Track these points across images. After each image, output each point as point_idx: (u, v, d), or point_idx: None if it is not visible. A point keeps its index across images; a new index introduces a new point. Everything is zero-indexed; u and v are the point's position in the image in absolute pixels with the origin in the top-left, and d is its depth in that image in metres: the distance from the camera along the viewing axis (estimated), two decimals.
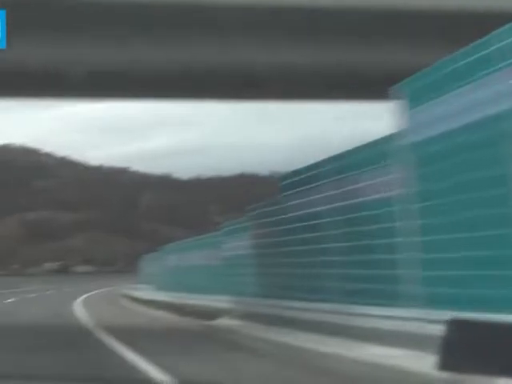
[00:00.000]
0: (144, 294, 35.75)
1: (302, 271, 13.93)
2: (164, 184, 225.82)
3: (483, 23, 8.51)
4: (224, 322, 17.76)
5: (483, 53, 8.16)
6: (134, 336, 16.14)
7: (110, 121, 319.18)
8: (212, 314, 19.34)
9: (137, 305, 31.96)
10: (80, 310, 29.04)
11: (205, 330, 17.42)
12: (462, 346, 3.10)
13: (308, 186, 13.52)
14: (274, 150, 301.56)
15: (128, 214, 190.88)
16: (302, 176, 13.94)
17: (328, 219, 12.69)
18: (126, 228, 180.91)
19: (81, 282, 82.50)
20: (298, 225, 14.10)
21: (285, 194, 14.88)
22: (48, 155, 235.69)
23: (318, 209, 13.09)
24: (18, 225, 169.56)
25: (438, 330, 3.79)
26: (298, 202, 14.02)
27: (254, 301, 16.43)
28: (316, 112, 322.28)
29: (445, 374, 3.35)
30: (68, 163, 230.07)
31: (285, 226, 14.74)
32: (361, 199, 11.56)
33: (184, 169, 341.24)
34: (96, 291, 54.77)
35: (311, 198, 13.41)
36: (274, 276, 15.40)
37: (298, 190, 14.11)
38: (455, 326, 3.29)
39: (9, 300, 39.79)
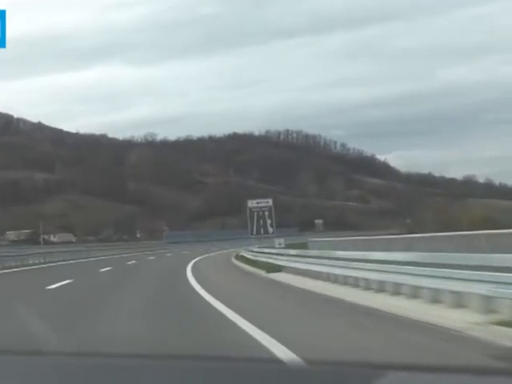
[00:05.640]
0: None
1: None
2: (149, 145, 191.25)
3: None
4: None
5: None
6: None
7: (84, 92, 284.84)
8: None
9: None
10: None
11: None
12: None
13: None
14: (267, 110, 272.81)
15: (112, 175, 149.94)
16: None
17: None
18: (111, 190, 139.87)
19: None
20: None
21: None
22: (21, 120, 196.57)
23: None
24: None
25: None
26: None
27: None
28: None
29: None
30: (43, 127, 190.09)
31: None
32: None
33: (170, 129, 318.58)
34: None
35: None
36: None
37: None
38: None
39: None
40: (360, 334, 9.42)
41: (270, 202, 36.22)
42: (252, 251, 35.10)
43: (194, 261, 36.57)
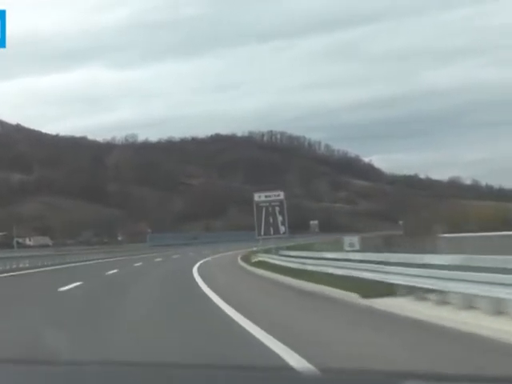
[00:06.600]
0: None
1: None
2: (130, 146, 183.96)
3: None
4: None
5: None
6: None
7: (66, 94, 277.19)
8: None
9: None
10: None
11: None
12: None
13: None
14: (249, 112, 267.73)
15: (92, 176, 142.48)
16: None
17: None
18: (90, 192, 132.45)
19: None
20: None
21: None
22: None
23: None
24: None
25: None
26: None
27: None
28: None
29: None
30: (21, 129, 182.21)
31: None
32: None
33: (152, 132, 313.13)
34: None
35: None
36: None
37: None
38: None
39: None
40: None
41: (282, 195, 29.76)
42: (289, 256, 25.80)
43: (196, 268, 29.19)
